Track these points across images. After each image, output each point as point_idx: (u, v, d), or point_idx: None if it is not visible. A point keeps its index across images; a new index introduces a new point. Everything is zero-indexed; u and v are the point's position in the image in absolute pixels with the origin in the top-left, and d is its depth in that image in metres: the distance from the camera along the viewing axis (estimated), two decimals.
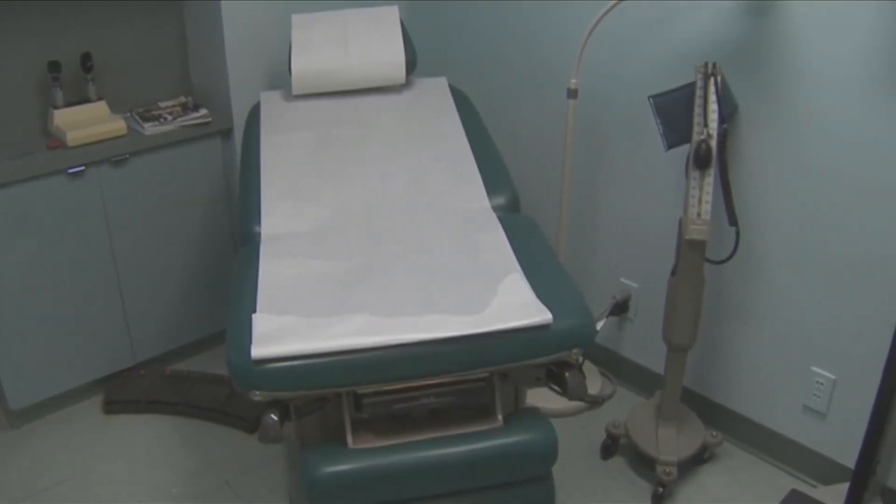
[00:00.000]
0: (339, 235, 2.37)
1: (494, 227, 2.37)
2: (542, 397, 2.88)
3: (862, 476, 2.36)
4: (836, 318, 2.49)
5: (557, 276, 2.18)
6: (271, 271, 2.20)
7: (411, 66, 2.87)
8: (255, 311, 2.04)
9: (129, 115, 2.94)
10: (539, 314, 1.98)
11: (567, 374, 2.05)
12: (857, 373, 2.49)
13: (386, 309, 2.03)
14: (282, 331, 1.96)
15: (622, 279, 3.02)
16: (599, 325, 2.92)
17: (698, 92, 2.37)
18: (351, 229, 2.40)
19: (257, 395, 1.92)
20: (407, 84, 2.90)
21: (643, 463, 2.73)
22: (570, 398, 2.06)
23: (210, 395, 2.97)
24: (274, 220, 2.43)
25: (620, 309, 3.00)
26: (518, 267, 2.17)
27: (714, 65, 2.37)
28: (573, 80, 2.68)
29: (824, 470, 2.64)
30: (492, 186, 2.54)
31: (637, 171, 2.85)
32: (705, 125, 2.36)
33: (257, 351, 1.90)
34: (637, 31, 2.71)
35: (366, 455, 2.01)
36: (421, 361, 1.95)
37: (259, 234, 2.41)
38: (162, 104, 3.02)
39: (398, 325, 1.96)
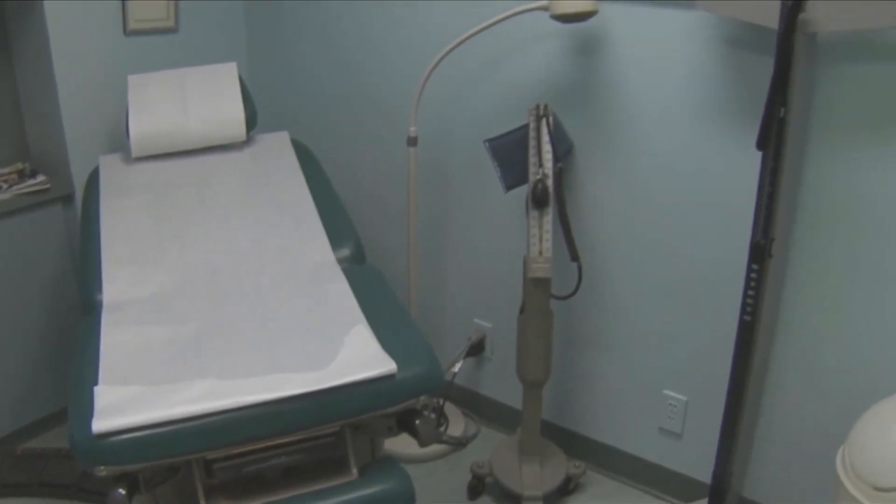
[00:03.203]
0: (182, 299, 2.33)
1: (339, 280, 2.37)
2: (408, 444, 2.87)
3: (719, 490, 2.44)
4: (682, 341, 2.59)
5: (402, 324, 2.20)
6: (113, 341, 2.15)
7: (252, 122, 2.86)
8: (96, 384, 1.99)
9: None
10: (383, 365, 1.99)
11: (417, 421, 2.06)
12: (706, 392, 2.58)
13: (231, 371, 2.00)
14: (124, 402, 1.91)
15: (476, 320, 3.05)
16: (457, 367, 2.95)
17: (532, 133, 2.44)
18: (195, 291, 2.36)
19: (102, 471, 1.86)
20: (248, 140, 2.89)
21: (510, 500, 2.75)
22: (423, 445, 2.08)
23: (66, 472, 2.85)
24: (115, 288, 2.37)
25: (477, 349, 3.03)
26: (363, 318, 2.18)
27: (545, 106, 2.44)
28: (412, 128, 2.72)
29: (684, 488, 2.72)
30: (336, 239, 2.55)
31: (482, 212, 2.90)
32: (540, 165, 2.43)
33: (98, 424, 1.84)
34: (473, 77, 2.77)
35: None
36: (268, 422, 1.93)
37: (101, 303, 2.35)
38: None
39: (242, 387, 1.94)
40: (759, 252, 2.18)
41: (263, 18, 3.33)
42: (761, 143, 2.11)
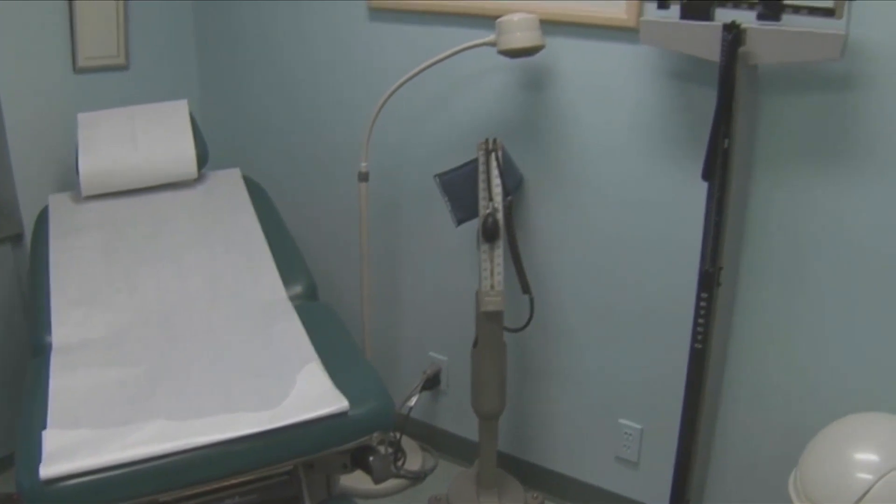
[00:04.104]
0: (134, 339, 2.31)
1: (291, 318, 2.36)
2: (366, 479, 2.84)
3: None
4: (636, 371, 2.61)
5: (355, 361, 2.20)
6: (62, 384, 2.12)
7: (203, 159, 2.85)
8: (45, 428, 1.96)
9: None
10: (335, 402, 1.98)
11: (371, 458, 2.06)
12: (660, 421, 2.60)
13: (182, 412, 1.98)
14: (73, 445, 1.88)
15: (431, 353, 3.06)
16: (413, 401, 2.94)
17: (481, 168, 2.46)
18: (146, 332, 2.34)
19: None
20: (200, 178, 2.88)
21: None
22: (377, 482, 2.07)
23: None
24: (65, 330, 2.34)
25: (432, 383, 3.03)
26: (315, 356, 2.17)
27: (494, 140, 2.47)
28: (363, 164, 2.73)
29: None
30: (288, 276, 2.54)
31: (435, 246, 2.92)
32: (490, 199, 2.45)
33: (46, 470, 1.81)
34: (423, 112, 2.80)
35: None
36: (220, 462, 1.91)
37: (50, 345, 2.32)
38: None
39: (194, 428, 1.92)
40: (708, 281, 2.22)
41: (215, 55, 3.34)
42: (706, 174, 2.15)
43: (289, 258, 2.61)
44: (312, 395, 2.02)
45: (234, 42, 3.25)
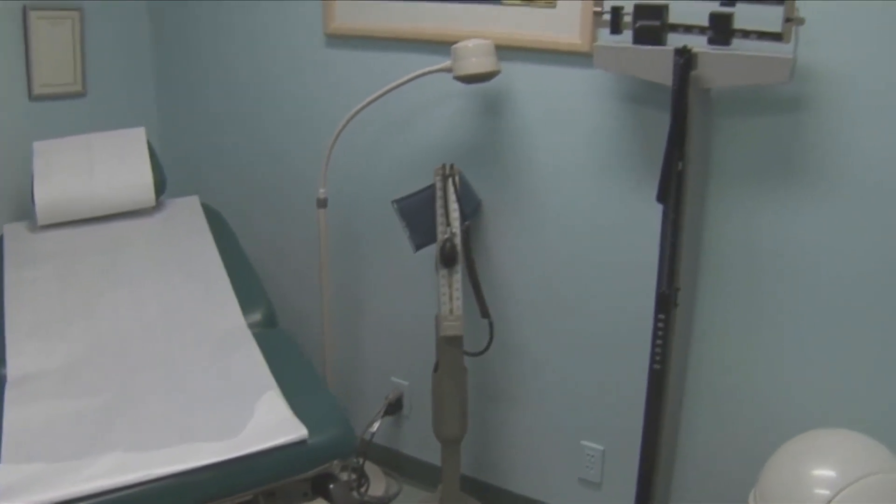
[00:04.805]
0: (91, 370, 2.29)
1: (250, 346, 2.36)
2: None
3: None
4: (596, 392, 2.61)
5: (314, 389, 2.20)
6: (17, 417, 2.10)
7: (161, 187, 2.84)
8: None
9: None
10: (293, 431, 1.98)
11: (331, 486, 2.05)
12: (622, 441, 2.60)
13: (140, 443, 1.97)
14: (28, 480, 1.86)
15: (393, 378, 3.05)
16: (375, 426, 2.93)
17: (438, 193, 2.47)
18: (103, 362, 2.32)
19: None
20: (158, 206, 2.86)
21: None
22: None
23: None
24: (20, 361, 2.32)
25: (395, 408, 3.02)
26: (274, 384, 2.17)
27: (451, 166, 2.48)
28: (321, 190, 2.73)
29: None
30: (246, 304, 2.54)
31: (395, 271, 2.92)
32: (448, 224, 2.46)
33: None
34: (380, 138, 2.80)
35: None
36: (179, 493, 1.90)
37: (4, 377, 2.29)
38: None
39: (152, 460, 1.91)
40: (665, 302, 2.23)
41: (173, 82, 3.33)
42: (661, 196, 2.17)
43: (248, 285, 2.60)
44: (271, 423, 2.01)
45: (192, 69, 3.25)
